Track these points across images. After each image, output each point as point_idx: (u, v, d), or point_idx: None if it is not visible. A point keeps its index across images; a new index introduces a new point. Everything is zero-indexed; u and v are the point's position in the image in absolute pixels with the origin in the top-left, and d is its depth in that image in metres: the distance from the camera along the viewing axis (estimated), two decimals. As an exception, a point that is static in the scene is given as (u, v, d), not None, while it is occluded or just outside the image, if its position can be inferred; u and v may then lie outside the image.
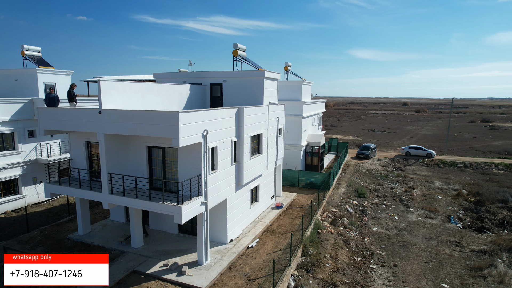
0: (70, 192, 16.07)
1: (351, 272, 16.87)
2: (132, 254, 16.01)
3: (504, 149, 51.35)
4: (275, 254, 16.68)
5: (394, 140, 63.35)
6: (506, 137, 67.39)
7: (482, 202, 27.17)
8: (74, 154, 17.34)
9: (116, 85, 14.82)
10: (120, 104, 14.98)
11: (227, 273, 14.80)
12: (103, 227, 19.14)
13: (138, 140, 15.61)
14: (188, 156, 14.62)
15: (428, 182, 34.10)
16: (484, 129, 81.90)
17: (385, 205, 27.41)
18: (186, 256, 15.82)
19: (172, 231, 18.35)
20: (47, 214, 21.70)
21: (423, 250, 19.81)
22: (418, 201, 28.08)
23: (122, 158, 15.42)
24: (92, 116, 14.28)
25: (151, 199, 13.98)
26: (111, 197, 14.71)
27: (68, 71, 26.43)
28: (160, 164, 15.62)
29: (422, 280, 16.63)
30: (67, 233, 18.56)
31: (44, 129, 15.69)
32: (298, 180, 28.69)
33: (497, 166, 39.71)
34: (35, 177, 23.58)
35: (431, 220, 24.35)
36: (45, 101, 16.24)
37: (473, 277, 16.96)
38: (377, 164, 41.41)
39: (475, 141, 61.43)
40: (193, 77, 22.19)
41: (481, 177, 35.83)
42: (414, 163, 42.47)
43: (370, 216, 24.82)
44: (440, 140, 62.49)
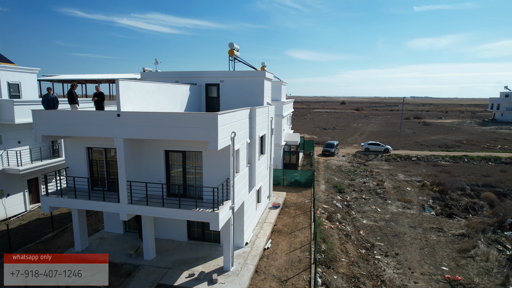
0: (76, 205, 14.40)
1: (363, 264, 17.72)
2: (148, 266, 14.92)
3: (442, 143, 57.61)
4: (293, 253, 16.83)
5: (347, 137, 67.23)
6: (439, 132, 75.64)
7: (445, 191, 30.31)
8: (72, 161, 15.58)
9: (132, 85, 13.66)
10: (136, 106, 13.86)
11: (256, 277, 14.58)
12: (101, 241, 17.49)
13: (155, 144, 14.60)
14: (214, 160, 14.09)
15: (393, 175, 36.98)
16: (419, 125, 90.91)
17: (364, 198, 29.12)
18: (208, 264, 15.21)
19: (180, 238, 17.46)
20: (23, 231, 19.12)
21: (414, 238, 21.55)
22: (392, 194, 30.35)
23: (137, 164, 14.29)
24: (109, 119, 13.01)
25: (181, 207, 13.18)
26: (131, 207, 13.55)
27: (34, 69, 23.51)
28: (179, 169, 14.78)
29: (424, 265, 18.12)
30: (59, 250, 16.61)
31: (41, 135, 13.85)
32: (283, 179, 29.13)
33: (443, 158, 44.53)
34: (2, 189, 20.60)
35: (409, 210, 26.53)
36: (42, 103, 14.31)
37: (463, 258, 18.94)
38: (342, 160, 43.70)
39: (416, 136, 67.93)
40: (187, 76, 21.28)
41: (434, 168, 39.86)
42: (374, 158, 45.66)
43: (356, 210, 26.21)
44: (386, 136, 67.90)
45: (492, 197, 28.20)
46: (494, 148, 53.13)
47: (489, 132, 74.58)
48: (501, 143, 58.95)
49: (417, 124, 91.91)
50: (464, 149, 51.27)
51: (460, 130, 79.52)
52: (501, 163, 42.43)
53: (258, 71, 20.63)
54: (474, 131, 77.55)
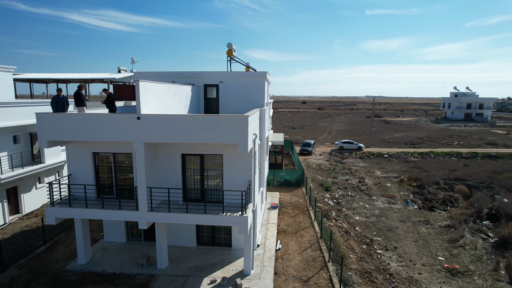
0: (86, 215, 13.39)
1: (369, 259, 18.36)
2: (165, 276, 14.31)
3: (407, 140, 61.16)
4: (305, 253, 17.02)
5: (317, 136, 69.00)
6: (401, 129, 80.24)
7: (423, 186, 32.25)
8: (75, 168, 14.47)
9: (149, 86, 12.98)
10: (153, 108, 13.20)
11: (277, 278, 14.54)
12: (104, 251, 16.44)
13: (171, 148, 14.02)
14: (236, 163, 13.85)
15: (370, 172, 38.62)
16: (381, 123, 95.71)
17: (350, 195, 30.12)
18: (226, 268, 14.91)
19: (189, 244, 16.95)
20: (10, 246, 17.39)
21: (406, 231, 22.71)
22: (375, 190, 31.70)
23: (153, 169, 13.62)
24: (128, 122, 12.26)
25: (206, 212, 12.78)
26: (151, 214, 12.90)
27: (10, 67, 21.46)
28: (197, 173, 14.31)
29: (422, 257, 19.17)
30: (59, 265, 15.35)
31: (47, 140, 12.72)
32: (273, 179, 29.27)
33: (412, 155, 47.34)
34: (-21, 201, 18.60)
35: (395, 205, 27.90)
36: (51, 104, 13.09)
37: (455, 248, 20.31)
38: (320, 159, 44.82)
39: (382, 134, 71.48)
40: (184, 77, 20.59)
41: (406, 164, 42.24)
42: (349, 156, 47.35)
43: (346, 207, 27.04)
44: (353, 134, 70.73)
45: (465, 189, 30.50)
46: (452, 144, 57.43)
47: (444, 129, 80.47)
48: (456, 139, 63.86)
49: (379, 123, 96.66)
50: (428, 146, 54.88)
51: (418, 127, 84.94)
52: (462, 158, 46.02)
53: (259, 72, 20.53)
54: (430, 128, 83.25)
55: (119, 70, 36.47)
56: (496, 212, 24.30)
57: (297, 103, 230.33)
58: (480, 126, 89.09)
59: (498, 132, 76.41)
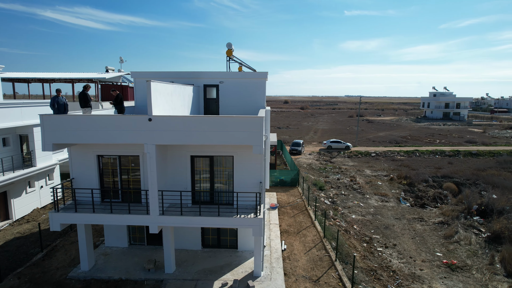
0: (93, 220, 12.92)
1: (371, 257, 18.65)
2: (174, 280, 14.01)
3: (391, 139, 62.64)
4: (310, 253, 17.10)
5: (304, 136, 69.57)
6: (384, 129, 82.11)
7: (413, 184, 33.10)
8: (78, 171, 13.95)
9: (159, 87, 12.67)
10: (162, 109, 12.89)
11: (287, 279, 14.52)
12: (106, 257, 15.93)
13: (180, 150, 13.75)
14: (247, 164, 13.74)
15: (360, 171, 39.29)
16: (363, 122, 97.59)
17: (344, 194, 30.54)
18: (236, 271, 14.77)
19: (194, 247, 16.68)
20: (4, 254, 16.54)
21: (403, 228, 23.23)
22: (367, 188, 32.26)
23: (163, 171, 13.31)
24: (139, 124, 11.93)
25: (220, 215, 12.61)
26: (163, 218, 12.61)
27: (-3, 66, 20.46)
28: (206, 174, 14.09)
29: (421, 253, 19.65)
30: (60, 272, 14.75)
31: (52, 143, 12.20)
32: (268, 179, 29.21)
33: (399, 153, 48.52)
34: (-33, 207, 17.63)
35: (388, 203, 28.49)
36: (51, 106, 12.52)
37: (451, 243, 20.94)
38: (310, 158, 45.21)
39: (366, 133, 72.89)
40: (183, 77, 20.20)
41: (393, 163, 43.24)
42: (337, 155, 48.01)
43: (342, 206, 27.38)
44: (338, 133, 71.80)
45: (453, 186, 31.51)
46: (434, 142, 59.28)
47: (424, 128, 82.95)
48: (438, 138, 65.97)
49: (362, 122, 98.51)
50: (413, 144, 56.39)
51: (400, 126, 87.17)
52: (446, 156, 47.57)
53: (260, 72, 20.44)
54: (412, 127, 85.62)
55: (107, 70, 35.49)
56: (486, 208, 25.22)
57: (279, 103, 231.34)
58: (457, 124, 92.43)
59: (475, 130, 79.48)
